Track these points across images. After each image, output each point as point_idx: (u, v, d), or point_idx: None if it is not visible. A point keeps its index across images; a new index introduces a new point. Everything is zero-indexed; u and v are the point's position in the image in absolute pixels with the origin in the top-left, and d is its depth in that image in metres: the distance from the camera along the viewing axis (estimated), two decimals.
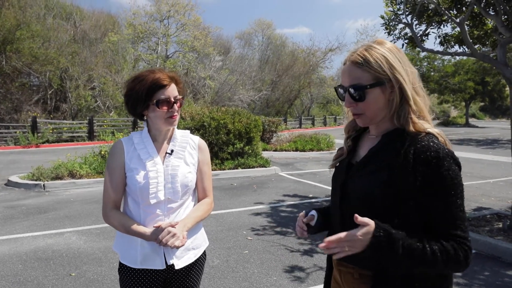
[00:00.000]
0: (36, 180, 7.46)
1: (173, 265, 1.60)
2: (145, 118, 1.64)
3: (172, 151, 1.65)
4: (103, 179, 6.96)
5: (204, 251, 1.75)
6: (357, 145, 1.33)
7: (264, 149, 12.67)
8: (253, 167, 9.45)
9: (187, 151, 1.69)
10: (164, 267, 1.59)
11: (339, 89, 1.21)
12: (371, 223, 1.04)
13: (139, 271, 1.60)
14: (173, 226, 1.52)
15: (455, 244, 1.05)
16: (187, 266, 1.65)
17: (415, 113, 1.15)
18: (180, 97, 1.61)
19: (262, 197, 6.85)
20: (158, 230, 1.50)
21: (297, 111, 39.27)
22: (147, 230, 1.54)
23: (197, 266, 1.70)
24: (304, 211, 1.40)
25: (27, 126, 16.38)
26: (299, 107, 39.97)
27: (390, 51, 1.16)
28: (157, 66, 26.60)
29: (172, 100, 1.57)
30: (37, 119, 16.46)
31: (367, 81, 1.14)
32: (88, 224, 5.13)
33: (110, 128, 18.47)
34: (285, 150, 13.56)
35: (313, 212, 1.38)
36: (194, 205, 1.72)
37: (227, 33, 48.26)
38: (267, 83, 33.85)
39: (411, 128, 1.13)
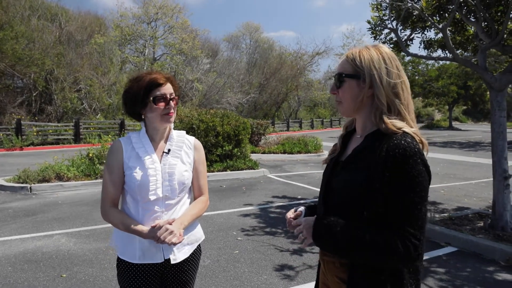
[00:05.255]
0: (22, 183, 7.37)
1: (169, 259, 1.65)
2: (143, 117, 1.70)
3: (169, 150, 1.71)
4: (91, 181, 6.90)
5: (199, 246, 1.82)
6: (346, 144, 1.43)
7: (253, 152, 12.75)
8: (242, 169, 9.51)
9: (184, 150, 1.75)
10: (163, 260, 1.64)
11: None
12: (310, 218, 1.29)
13: (137, 266, 1.65)
14: (170, 224, 1.58)
15: (398, 238, 1.11)
16: (183, 260, 1.71)
17: (390, 114, 1.23)
18: (176, 96, 1.68)
19: (251, 198, 6.92)
20: (156, 228, 1.56)
21: (285, 114, 39.49)
22: (145, 228, 1.59)
23: (193, 261, 1.76)
24: (294, 208, 1.49)
25: (10, 129, 16.08)
26: (287, 110, 40.21)
27: (380, 53, 1.26)
28: (144, 68, 26.46)
29: (168, 97, 1.65)
30: (22, 122, 16.18)
31: (347, 71, 1.29)
32: (77, 226, 5.11)
33: (96, 130, 18.29)
34: (273, 153, 13.66)
35: (301, 208, 1.49)
36: (190, 202, 1.79)
37: (215, 36, 48.40)
38: (254, 86, 34.00)
39: (383, 127, 1.22)
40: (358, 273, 1.22)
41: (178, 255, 1.67)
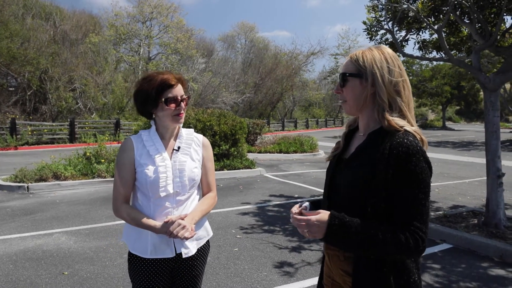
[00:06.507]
0: (19, 182, 7.35)
1: (181, 254, 1.70)
2: (153, 116, 1.75)
3: (179, 147, 1.76)
4: (88, 180, 6.91)
5: (208, 241, 1.87)
6: (349, 142, 1.49)
7: (249, 151, 12.80)
8: (239, 168, 9.56)
9: (192, 147, 1.80)
10: (174, 254, 1.69)
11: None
12: (324, 212, 1.25)
13: (149, 260, 1.69)
14: (182, 219, 1.63)
15: (408, 233, 1.17)
16: (193, 255, 1.75)
17: (392, 111, 1.29)
18: (186, 96, 1.73)
19: (249, 197, 6.97)
20: (168, 223, 1.60)
21: (280, 114, 39.59)
22: (157, 223, 1.64)
23: (202, 256, 1.81)
24: (298, 203, 1.54)
25: (5, 128, 15.98)
26: (282, 110, 40.32)
27: (382, 53, 1.32)
28: (140, 68, 26.40)
29: (179, 98, 1.69)
30: (16, 121, 16.08)
31: (350, 71, 1.34)
32: (76, 224, 5.13)
33: (91, 130, 18.22)
34: (269, 152, 13.73)
35: (306, 203, 1.52)
36: (199, 198, 1.84)
37: (210, 36, 48.30)
38: (250, 86, 34.05)
39: (386, 124, 1.27)
40: (362, 265, 1.27)
41: (189, 250, 1.72)
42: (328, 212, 1.24)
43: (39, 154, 12.64)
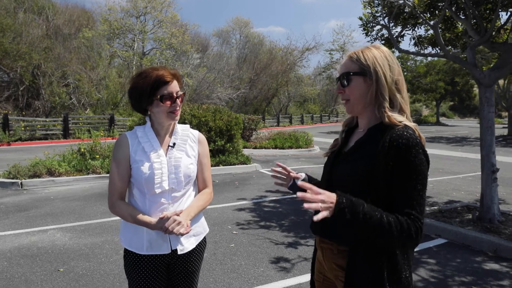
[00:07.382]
0: (13, 178, 7.28)
1: (176, 250, 1.69)
2: (149, 113, 1.72)
3: (174, 144, 1.74)
4: (83, 177, 6.86)
5: (205, 237, 1.86)
6: (348, 138, 1.50)
7: (244, 147, 12.78)
8: (234, 164, 9.55)
9: (188, 144, 1.79)
10: (170, 251, 1.68)
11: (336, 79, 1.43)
12: (331, 194, 1.18)
13: (144, 257, 1.68)
14: (177, 215, 1.62)
15: (409, 220, 1.20)
16: (189, 251, 1.75)
17: (392, 108, 1.32)
18: (181, 92, 1.71)
19: (245, 193, 6.97)
20: (164, 219, 1.59)
21: (275, 109, 39.54)
22: (153, 219, 1.62)
23: (198, 252, 1.80)
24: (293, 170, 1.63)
25: None
26: (277, 106, 40.27)
27: (382, 52, 1.35)
28: (134, 63, 26.20)
29: (175, 95, 1.67)
30: (9, 116, 15.90)
31: (353, 70, 1.35)
32: (71, 221, 5.09)
33: (85, 126, 18.07)
34: (265, 148, 13.73)
35: (303, 174, 1.61)
36: (195, 195, 1.83)
37: (205, 31, 48.14)
38: (245, 81, 33.93)
39: (386, 120, 1.29)
40: (357, 260, 1.28)
41: (185, 246, 1.71)
42: (334, 193, 1.20)
43: (32, 150, 12.52)
